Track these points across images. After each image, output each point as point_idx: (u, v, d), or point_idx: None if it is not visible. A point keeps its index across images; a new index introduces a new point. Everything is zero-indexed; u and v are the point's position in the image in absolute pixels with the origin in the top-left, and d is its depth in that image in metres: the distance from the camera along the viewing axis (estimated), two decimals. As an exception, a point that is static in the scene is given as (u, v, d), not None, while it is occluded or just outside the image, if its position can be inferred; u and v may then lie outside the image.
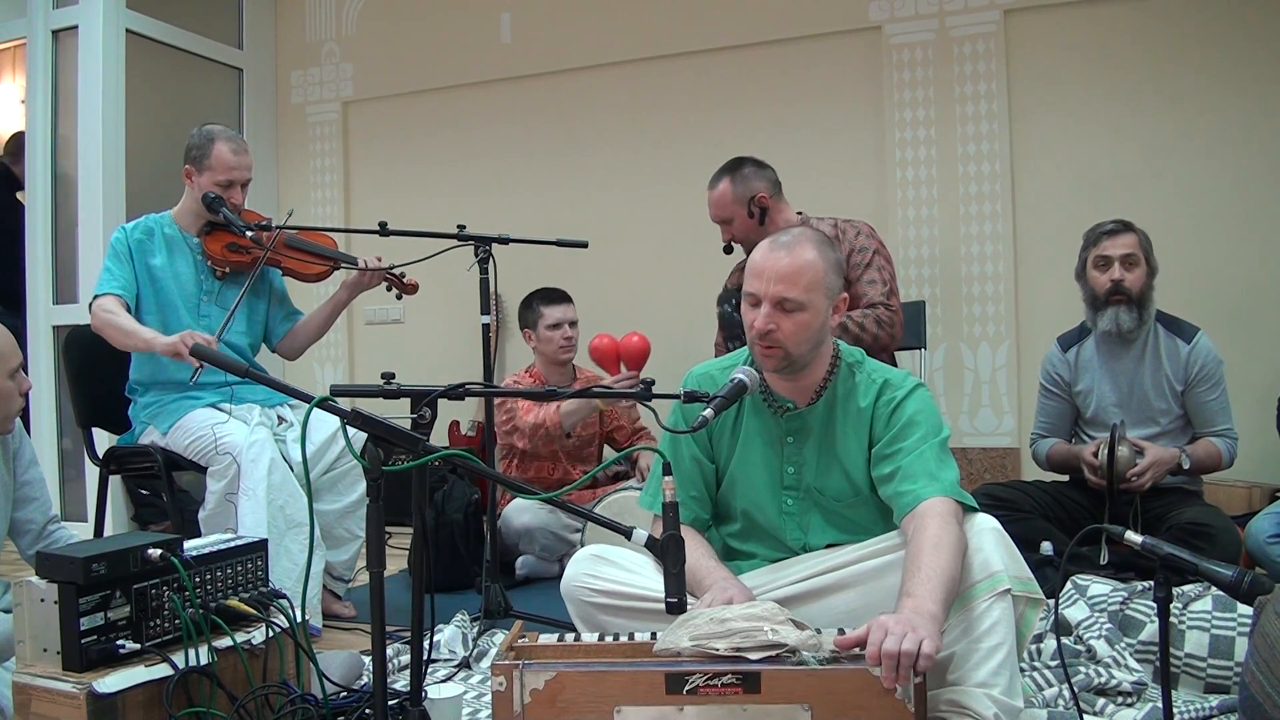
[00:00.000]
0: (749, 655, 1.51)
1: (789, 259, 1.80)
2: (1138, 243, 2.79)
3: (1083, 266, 2.86)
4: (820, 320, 1.83)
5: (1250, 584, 1.37)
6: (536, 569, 3.35)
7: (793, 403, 1.91)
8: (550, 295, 3.55)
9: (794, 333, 1.81)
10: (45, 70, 4.30)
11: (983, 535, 1.69)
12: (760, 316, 1.81)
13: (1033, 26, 3.82)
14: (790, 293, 1.79)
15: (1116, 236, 2.79)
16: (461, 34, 4.70)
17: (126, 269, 2.75)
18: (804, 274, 1.80)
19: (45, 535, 2.15)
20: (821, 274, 1.81)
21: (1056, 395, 2.95)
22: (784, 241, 1.84)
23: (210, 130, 2.81)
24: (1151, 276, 2.79)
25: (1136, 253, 2.77)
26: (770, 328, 1.80)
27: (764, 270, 1.82)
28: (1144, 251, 2.79)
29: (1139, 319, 2.76)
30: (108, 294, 2.71)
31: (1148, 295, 2.78)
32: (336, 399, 1.52)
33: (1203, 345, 2.77)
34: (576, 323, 3.54)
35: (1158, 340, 2.81)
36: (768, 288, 1.80)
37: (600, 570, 1.91)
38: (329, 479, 2.80)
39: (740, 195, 2.99)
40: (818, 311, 1.82)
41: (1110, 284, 2.76)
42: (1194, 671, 2.00)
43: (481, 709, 2.03)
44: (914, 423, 1.83)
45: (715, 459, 2.00)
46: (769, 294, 1.80)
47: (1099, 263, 2.80)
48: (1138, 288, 2.75)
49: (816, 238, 1.86)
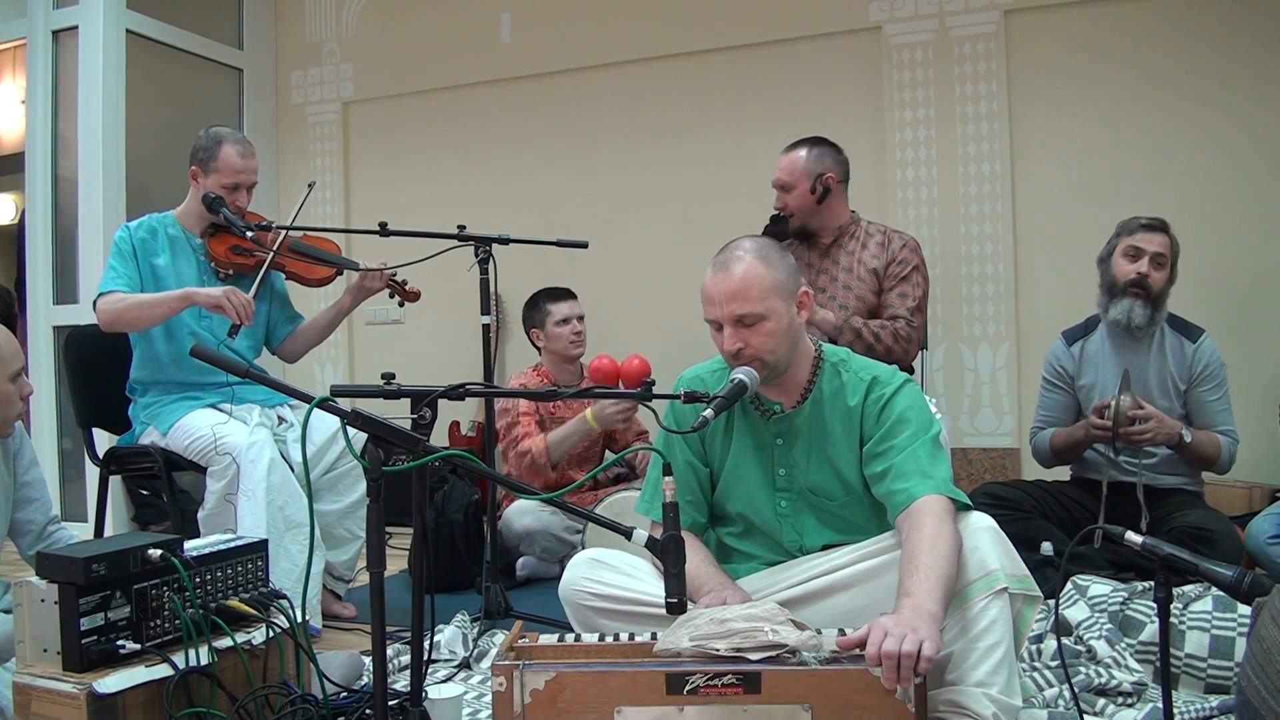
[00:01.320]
0: (749, 655, 1.51)
1: (732, 277, 1.81)
2: (1170, 245, 2.79)
3: (1110, 252, 2.84)
4: (786, 322, 1.84)
5: (1250, 584, 1.37)
6: (537, 570, 3.35)
7: (779, 405, 1.92)
8: (556, 293, 3.56)
9: (764, 343, 1.82)
10: (45, 70, 4.30)
11: (979, 534, 1.69)
12: (726, 339, 1.83)
13: (1033, 26, 3.82)
14: (744, 308, 1.80)
15: (1154, 233, 2.79)
16: (461, 34, 4.70)
17: (131, 266, 2.74)
18: (751, 286, 1.80)
19: (45, 536, 2.15)
20: (769, 279, 1.82)
21: (1059, 388, 2.94)
22: (722, 260, 1.85)
23: (218, 132, 2.81)
24: (1171, 282, 2.80)
25: (1167, 254, 2.78)
26: (739, 346, 1.82)
27: (713, 295, 1.83)
28: (1172, 257, 2.79)
29: (1150, 317, 2.76)
30: (112, 290, 2.69)
31: (1164, 298, 2.79)
32: (337, 399, 1.52)
33: (1207, 346, 2.78)
34: (584, 317, 3.54)
35: (1164, 339, 2.81)
36: (722, 310, 1.82)
37: (599, 575, 1.92)
38: (329, 479, 2.80)
39: (811, 167, 2.98)
40: (780, 315, 1.82)
41: (1135, 275, 2.75)
42: (1194, 672, 2.00)
43: (482, 709, 2.04)
44: (904, 419, 1.83)
45: (709, 462, 2.00)
46: (725, 316, 1.82)
47: (1129, 252, 2.79)
48: (1158, 287, 2.76)
49: (753, 245, 1.86)
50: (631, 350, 3.31)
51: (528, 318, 3.60)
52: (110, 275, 2.72)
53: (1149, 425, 2.61)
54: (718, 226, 3.62)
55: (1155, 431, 2.62)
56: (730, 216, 4.06)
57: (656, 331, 4.26)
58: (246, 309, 2.63)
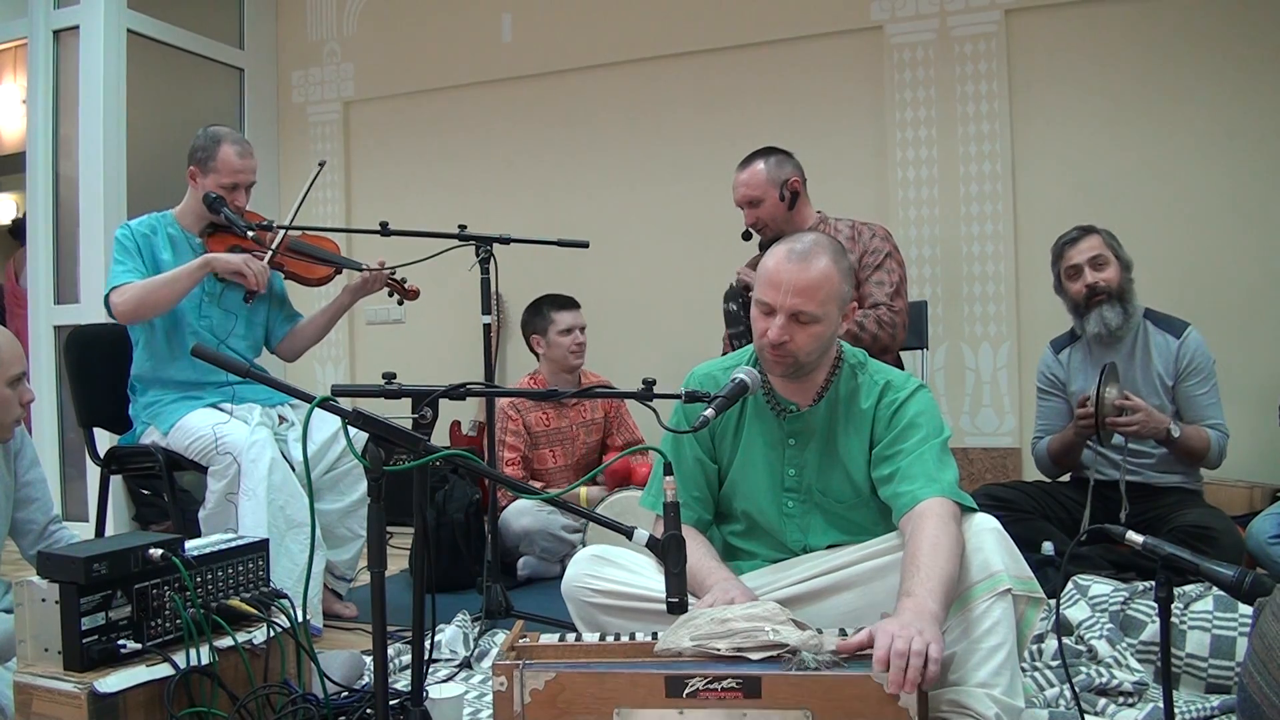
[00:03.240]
0: (750, 655, 1.51)
1: (807, 271, 1.77)
2: (1102, 242, 2.81)
3: (1058, 281, 2.90)
4: (832, 330, 1.83)
5: (1251, 584, 1.37)
6: (538, 569, 3.35)
7: (795, 404, 1.91)
8: (561, 301, 3.55)
9: (807, 343, 1.80)
10: (46, 70, 4.30)
11: (982, 535, 1.69)
12: (774, 327, 1.79)
13: (1034, 26, 3.82)
14: (807, 306, 1.77)
15: (1077, 243, 2.83)
16: (462, 34, 4.70)
17: (137, 260, 2.73)
18: (821, 287, 1.78)
19: (47, 536, 2.15)
20: (837, 285, 1.80)
21: (1054, 395, 2.94)
22: (799, 250, 1.80)
23: (216, 132, 2.81)
24: (1127, 270, 2.80)
25: (1103, 252, 2.79)
26: (784, 339, 1.79)
27: (780, 281, 1.78)
28: (1111, 249, 2.80)
29: (1124, 313, 2.76)
30: (125, 283, 2.67)
31: (1128, 289, 2.79)
32: (338, 399, 1.52)
33: (1193, 339, 2.77)
34: (585, 328, 3.56)
35: (1147, 337, 2.81)
36: (784, 300, 1.78)
37: (601, 571, 1.91)
38: (330, 479, 2.80)
39: (774, 177, 3.00)
40: (831, 323, 1.82)
41: (1085, 289, 2.78)
42: (1195, 672, 2.00)
43: (482, 709, 2.04)
44: (915, 424, 1.83)
45: (717, 460, 2.00)
46: (785, 306, 1.78)
47: (1070, 273, 2.84)
48: (1115, 283, 2.77)
49: (831, 246, 1.84)
50: (631, 349, 3.33)
51: (529, 323, 3.59)
52: (118, 270, 2.71)
53: (1136, 417, 2.60)
54: (718, 225, 3.62)
55: (1142, 424, 2.61)
56: (730, 215, 4.05)
57: (657, 331, 4.26)
58: (263, 275, 2.71)
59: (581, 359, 3.55)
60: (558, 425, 3.53)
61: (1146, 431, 2.63)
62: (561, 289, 3.68)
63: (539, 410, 3.49)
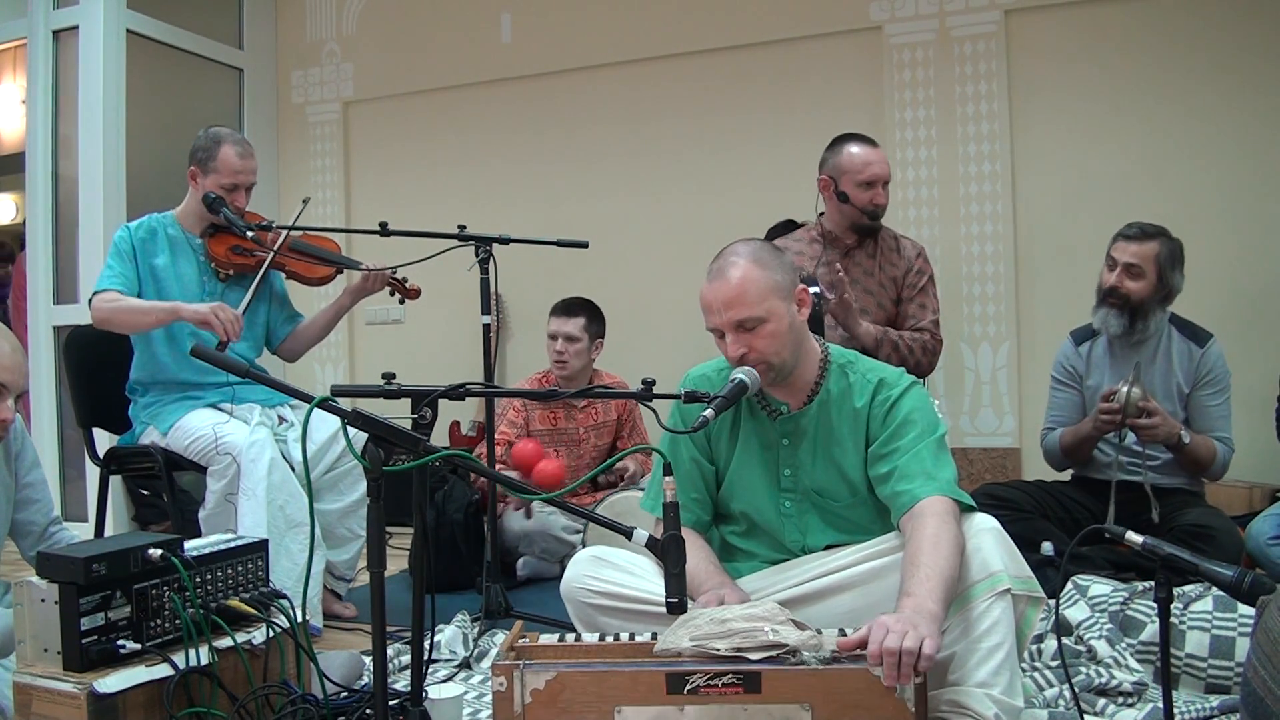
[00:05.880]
0: (750, 655, 1.51)
1: (729, 283, 1.81)
2: (1153, 255, 2.71)
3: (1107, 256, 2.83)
4: (787, 321, 1.83)
5: (1251, 584, 1.37)
6: (537, 569, 3.35)
7: (786, 405, 1.92)
8: (560, 306, 3.50)
9: (767, 345, 1.81)
10: (46, 70, 4.30)
11: (982, 535, 1.69)
12: (729, 346, 1.83)
13: (1033, 27, 3.82)
14: (743, 313, 1.80)
15: (1131, 242, 2.75)
16: (461, 34, 4.70)
17: (129, 267, 2.73)
18: (748, 290, 1.80)
19: (47, 537, 2.14)
20: (765, 281, 1.81)
21: (1069, 387, 2.93)
22: (717, 268, 1.85)
23: (217, 133, 2.81)
24: (1163, 291, 2.73)
25: (1143, 265, 2.70)
26: (743, 352, 1.81)
27: (711, 303, 1.83)
28: (1159, 265, 2.71)
29: (1128, 325, 2.73)
30: (109, 289, 2.69)
31: (1149, 306, 2.73)
32: (337, 399, 1.52)
33: (1215, 351, 2.76)
34: (577, 338, 3.43)
35: (1170, 343, 2.80)
36: (721, 317, 1.82)
37: (600, 572, 1.91)
38: (330, 479, 2.80)
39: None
40: (780, 316, 1.82)
41: (1108, 286, 2.77)
42: (1194, 672, 2.00)
43: (482, 709, 2.03)
44: (910, 421, 1.83)
45: (715, 461, 2.00)
46: (724, 323, 1.82)
47: (1109, 261, 2.79)
48: (1137, 297, 2.72)
49: (746, 249, 1.86)
50: (631, 349, 3.32)
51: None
52: (107, 274, 2.72)
53: (1155, 420, 2.60)
54: (718, 224, 3.62)
55: (1158, 428, 2.61)
56: (730, 214, 4.07)
57: (657, 331, 4.26)
58: (234, 325, 2.60)
59: (564, 369, 3.43)
60: (563, 426, 3.52)
61: (1161, 436, 2.63)
62: (561, 289, 3.67)
63: (544, 409, 3.48)
